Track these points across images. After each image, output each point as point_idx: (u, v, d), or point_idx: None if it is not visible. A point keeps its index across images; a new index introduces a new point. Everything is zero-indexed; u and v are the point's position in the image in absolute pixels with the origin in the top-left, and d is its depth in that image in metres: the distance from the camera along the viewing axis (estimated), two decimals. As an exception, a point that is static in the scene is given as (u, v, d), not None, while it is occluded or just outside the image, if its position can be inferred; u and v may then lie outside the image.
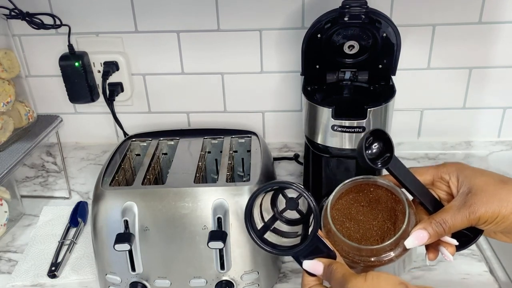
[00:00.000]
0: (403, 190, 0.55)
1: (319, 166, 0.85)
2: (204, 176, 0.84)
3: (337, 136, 0.72)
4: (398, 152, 1.00)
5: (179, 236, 0.69)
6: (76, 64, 0.92)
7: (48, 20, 0.92)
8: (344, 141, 0.72)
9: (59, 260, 0.84)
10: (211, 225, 0.69)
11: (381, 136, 0.55)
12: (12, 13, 0.90)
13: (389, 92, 0.74)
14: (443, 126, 1.00)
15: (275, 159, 0.99)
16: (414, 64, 0.93)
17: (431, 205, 0.54)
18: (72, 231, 0.91)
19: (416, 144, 1.01)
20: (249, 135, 0.88)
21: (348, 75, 0.78)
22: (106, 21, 0.93)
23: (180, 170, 0.77)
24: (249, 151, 0.85)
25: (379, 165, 0.53)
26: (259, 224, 0.57)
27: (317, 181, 0.86)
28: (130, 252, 0.70)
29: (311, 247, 0.53)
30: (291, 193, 0.55)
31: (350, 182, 0.57)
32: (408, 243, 0.53)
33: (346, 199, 0.58)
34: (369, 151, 0.54)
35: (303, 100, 0.76)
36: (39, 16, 0.92)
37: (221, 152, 0.83)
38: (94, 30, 0.94)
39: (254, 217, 0.56)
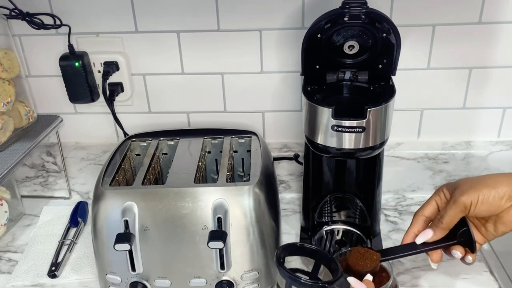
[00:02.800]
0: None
1: (319, 166, 0.85)
2: (204, 176, 0.84)
3: (337, 136, 0.71)
4: (398, 152, 1.00)
5: (179, 236, 0.69)
6: (76, 64, 0.92)
7: (48, 20, 0.92)
8: (344, 141, 0.72)
9: (59, 260, 0.84)
10: (211, 225, 0.69)
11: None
12: (12, 13, 0.90)
13: (389, 92, 0.74)
14: (443, 126, 1.00)
15: (275, 159, 0.99)
16: (414, 64, 0.93)
17: None
18: (72, 231, 0.91)
19: (416, 144, 1.01)
20: (249, 135, 0.88)
21: (348, 75, 0.78)
22: (106, 21, 0.93)
23: (180, 170, 0.77)
24: (249, 151, 0.85)
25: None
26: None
27: (317, 181, 0.86)
28: (130, 252, 0.70)
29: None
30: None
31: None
32: (419, 239, 0.64)
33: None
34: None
35: (303, 100, 0.76)
36: (39, 16, 0.92)
37: (221, 152, 0.83)
38: (94, 30, 0.94)
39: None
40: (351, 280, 0.60)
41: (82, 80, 0.94)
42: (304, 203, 0.89)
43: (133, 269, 0.71)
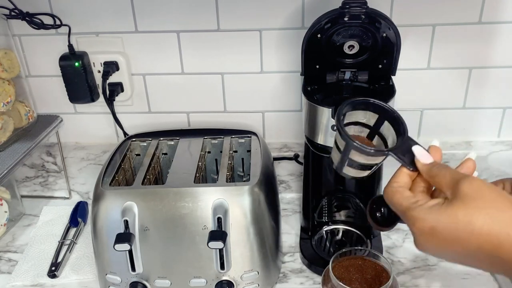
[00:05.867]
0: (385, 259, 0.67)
1: (319, 166, 0.85)
2: (204, 176, 0.84)
3: (337, 136, 0.71)
4: (398, 152, 1.00)
5: (179, 236, 0.69)
6: (76, 64, 0.92)
7: (48, 20, 0.92)
8: (344, 141, 0.72)
9: (59, 260, 0.84)
10: (211, 225, 0.69)
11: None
12: (12, 13, 0.90)
13: (389, 92, 0.74)
14: (443, 126, 1.00)
15: (275, 159, 0.99)
16: (414, 64, 0.93)
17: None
18: (72, 231, 0.91)
19: (416, 144, 1.01)
20: (249, 135, 0.88)
21: (348, 75, 0.78)
22: (106, 21, 0.93)
23: (180, 170, 0.77)
24: (249, 151, 0.85)
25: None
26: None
27: (317, 181, 0.86)
28: (130, 252, 0.70)
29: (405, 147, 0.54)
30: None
31: None
32: (416, 149, 0.54)
33: (339, 269, 0.67)
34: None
35: (303, 100, 0.76)
36: (39, 16, 0.92)
37: (221, 152, 0.83)
38: (94, 30, 0.94)
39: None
40: (417, 149, 0.53)
41: (82, 80, 0.94)
42: (304, 203, 0.89)
43: (133, 269, 0.71)
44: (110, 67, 0.94)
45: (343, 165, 0.60)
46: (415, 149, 0.53)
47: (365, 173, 0.60)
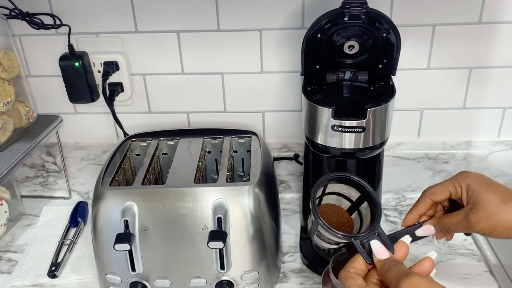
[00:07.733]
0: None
1: (319, 166, 0.85)
2: (204, 176, 0.84)
3: (337, 136, 0.71)
4: (398, 152, 1.00)
5: (179, 236, 0.69)
6: (76, 64, 0.92)
7: (48, 20, 0.92)
8: (344, 141, 0.72)
9: (59, 260, 0.84)
10: (211, 225, 0.69)
11: None
12: (12, 13, 0.90)
13: (389, 92, 0.74)
14: (443, 126, 1.00)
15: (275, 159, 0.99)
16: (414, 64, 0.93)
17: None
18: (72, 231, 0.91)
19: (416, 144, 1.01)
20: (249, 135, 0.88)
21: (348, 75, 0.78)
22: (106, 21, 0.93)
23: (180, 170, 0.77)
24: (249, 151, 0.85)
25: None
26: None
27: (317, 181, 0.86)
28: (130, 252, 0.70)
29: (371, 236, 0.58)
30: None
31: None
32: (419, 231, 0.61)
33: (339, 269, 0.66)
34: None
35: (303, 100, 0.76)
36: (39, 16, 0.92)
37: (221, 152, 0.83)
38: (94, 30, 0.94)
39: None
40: (374, 244, 0.56)
41: (82, 80, 0.94)
42: (304, 203, 0.89)
43: (133, 269, 0.71)
44: (110, 67, 0.94)
45: (313, 234, 0.65)
46: (373, 243, 0.56)
47: (335, 246, 0.64)
